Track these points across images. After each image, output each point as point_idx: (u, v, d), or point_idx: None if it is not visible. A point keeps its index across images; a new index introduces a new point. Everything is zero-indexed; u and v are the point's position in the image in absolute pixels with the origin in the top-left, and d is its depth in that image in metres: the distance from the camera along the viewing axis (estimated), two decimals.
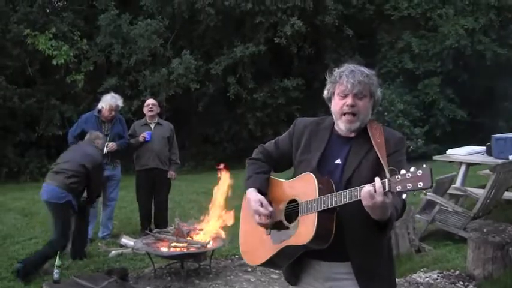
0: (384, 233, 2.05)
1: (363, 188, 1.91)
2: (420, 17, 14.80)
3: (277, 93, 14.08)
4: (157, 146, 6.33)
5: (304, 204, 2.12)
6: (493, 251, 4.50)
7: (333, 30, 14.56)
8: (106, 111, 6.06)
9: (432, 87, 14.52)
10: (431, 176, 1.80)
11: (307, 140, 2.27)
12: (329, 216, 2.05)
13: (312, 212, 2.07)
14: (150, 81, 12.99)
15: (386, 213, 1.94)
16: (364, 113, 2.15)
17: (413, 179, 1.81)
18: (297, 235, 2.12)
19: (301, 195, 2.15)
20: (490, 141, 6.85)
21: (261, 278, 4.88)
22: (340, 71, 2.19)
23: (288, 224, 2.19)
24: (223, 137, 14.50)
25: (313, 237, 2.04)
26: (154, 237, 5.15)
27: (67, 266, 5.06)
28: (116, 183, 6.39)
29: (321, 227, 2.04)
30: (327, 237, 2.06)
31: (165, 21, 13.45)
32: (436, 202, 5.79)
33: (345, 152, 2.18)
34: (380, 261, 2.18)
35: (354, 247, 2.12)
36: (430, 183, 1.79)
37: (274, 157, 2.38)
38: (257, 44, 13.51)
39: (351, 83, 2.12)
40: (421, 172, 1.81)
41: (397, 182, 1.85)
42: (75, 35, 12.92)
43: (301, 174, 2.19)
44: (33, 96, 12.64)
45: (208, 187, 10.12)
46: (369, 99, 2.16)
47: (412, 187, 1.81)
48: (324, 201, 2.04)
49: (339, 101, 2.16)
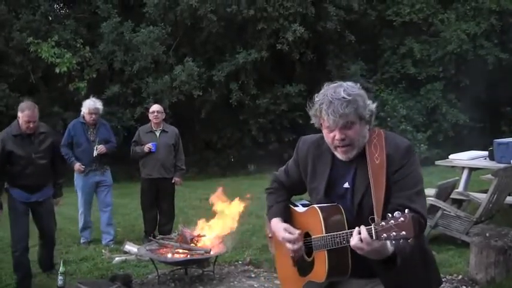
0: (391, 267, 1.91)
1: (353, 238, 1.84)
2: (422, 22, 14.82)
3: (279, 99, 14.08)
4: (162, 155, 6.35)
5: (315, 241, 2.09)
6: (495, 256, 4.50)
7: (335, 36, 14.58)
8: (87, 115, 6.20)
9: (434, 92, 14.53)
10: (413, 224, 1.71)
11: (312, 167, 2.20)
12: (341, 251, 1.98)
13: (322, 249, 2.04)
14: (152, 88, 13.03)
15: (382, 254, 1.86)
16: (357, 138, 2.03)
17: (397, 226, 1.73)
18: (315, 272, 2.11)
19: (312, 229, 2.12)
20: (492, 146, 6.85)
21: (265, 284, 4.88)
22: (319, 103, 2.03)
23: (308, 258, 2.17)
24: (226, 144, 14.51)
25: (327, 275, 2.02)
26: (157, 244, 5.16)
27: (71, 273, 5.08)
28: (107, 189, 6.41)
29: (333, 264, 2.01)
30: (343, 271, 2.02)
31: (168, 28, 13.49)
32: (439, 207, 5.77)
33: (351, 174, 2.08)
34: (409, 273, 2.02)
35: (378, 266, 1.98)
36: (413, 233, 1.70)
37: (287, 186, 2.35)
38: (259, 51, 13.54)
39: (332, 119, 1.98)
40: (403, 219, 1.72)
41: (382, 229, 1.77)
42: (77, 43, 12.98)
43: (309, 207, 2.17)
44: (36, 103, 12.64)
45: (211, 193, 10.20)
46: (359, 124, 2.01)
47: (395, 236, 1.73)
48: (329, 242, 2.00)
49: (328, 134, 2.05)
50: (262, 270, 5.19)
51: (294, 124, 13.94)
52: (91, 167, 6.21)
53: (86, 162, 6.18)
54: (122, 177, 11.02)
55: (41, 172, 4.73)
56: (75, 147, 6.20)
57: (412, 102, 14.48)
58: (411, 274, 2.03)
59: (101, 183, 6.35)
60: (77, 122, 6.32)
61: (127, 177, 11.33)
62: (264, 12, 13.32)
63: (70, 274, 4.95)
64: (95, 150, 6.13)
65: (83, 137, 6.19)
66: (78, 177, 6.29)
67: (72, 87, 12.63)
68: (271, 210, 2.29)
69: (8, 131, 4.70)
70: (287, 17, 13.48)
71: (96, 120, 6.25)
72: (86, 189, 6.29)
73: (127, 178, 11.29)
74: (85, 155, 6.17)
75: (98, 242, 6.34)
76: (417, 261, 2.07)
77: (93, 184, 6.30)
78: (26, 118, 4.64)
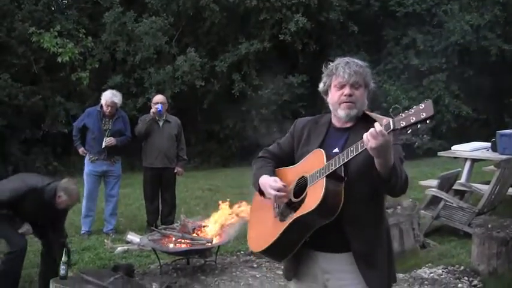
0: (388, 186, 2.06)
1: (369, 131, 1.95)
2: (425, 13, 14.71)
3: (282, 90, 14.03)
4: (164, 145, 6.35)
5: (312, 175, 2.15)
6: (497, 247, 4.49)
7: (337, 26, 14.51)
8: (104, 106, 6.24)
9: (437, 83, 14.43)
10: (433, 106, 1.86)
11: (307, 135, 2.37)
12: (337, 185, 2.08)
13: (320, 178, 2.09)
14: (155, 78, 13.01)
15: (390, 156, 1.98)
16: (361, 101, 2.25)
17: (416, 112, 1.88)
18: (304, 205, 2.12)
19: (310, 170, 2.18)
20: (495, 137, 6.83)
21: (267, 274, 4.89)
22: (336, 64, 2.28)
23: (296, 199, 2.20)
24: (228, 134, 14.50)
25: (320, 202, 2.03)
26: (160, 234, 5.16)
27: (74, 263, 5.09)
28: (115, 180, 6.44)
29: (328, 193, 2.05)
30: (334, 208, 2.06)
31: (170, 18, 13.45)
32: (441, 198, 5.78)
33: (343, 141, 2.25)
34: (379, 249, 2.23)
35: (354, 233, 2.16)
36: (432, 111, 1.85)
37: (278, 156, 2.47)
38: (262, 41, 13.49)
39: (347, 73, 2.21)
40: (423, 105, 1.88)
41: (400, 118, 1.91)
42: (80, 33, 12.92)
43: (309, 153, 2.25)
44: (39, 93, 12.66)
45: (214, 184, 10.24)
46: (364, 89, 2.26)
47: (415, 119, 1.86)
48: (332, 164, 2.08)
49: (336, 92, 2.26)
50: (265, 261, 5.19)
51: (297, 115, 13.88)
52: (99, 156, 6.22)
53: (95, 151, 6.22)
54: (123, 167, 11.02)
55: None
56: (89, 134, 6.27)
57: (414, 94, 14.40)
58: (379, 247, 2.22)
59: (109, 173, 6.37)
60: (93, 110, 6.37)
61: (128, 167, 11.33)
62: (266, 2, 13.26)
63: (72, 264, 4.96)
64: (104, 142, 6.14)
65: (96, 125, 6.24)
66: (87, 164, 6.33)
67: (74, 77, 12.59)
68: (259, 171, 2.37)
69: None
70: (290, 7, 13.42)
71: (114, 113, 6.27)
72: (92, 177, 6.32)
73: (128, 168, 11.29)
74: (96, 143, 6.21)
75: (100, 232, 6.36)
76: (384, 238, 2.26)
77: (100, 173, 6.33)
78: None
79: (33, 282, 4.69)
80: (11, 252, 4.28)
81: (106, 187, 6.43)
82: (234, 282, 4.74)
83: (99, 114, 6.26)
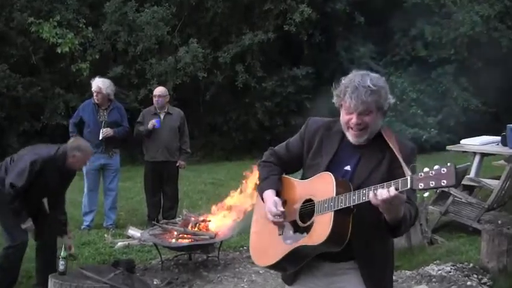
0: (395, 234, 2.05)
1: (383, 186, 1.87)
2: (433, 3, 14.50)
3: (286, 81, 13.91)
4: (166, 138, 6.26)
5: (320, 204, 2.06)
6: (507, 244, 4.42)
7: (343, 17, 14.33)
8: (94, 95, 6.19)
9: (446, 75, 14.31)
10: (456, 174, 1.72)
11: (319, 144, 2.26)
12: (345, 218, 2.01)
13: (328, 211, 2.01)
14: (157, 69, 12.89)
15: (400, 211, 1.93)
16: (372, 125, 2.13)
17: (437, 176, 1.75)
18: (311, 235, 2.06)
19: (317, 194, 2.09)
20: (505, 131, 6.73)
21: (270, 270, 4.79)
22: (345, 85, 2.12)
23: (302, 224, 2.13)
24: (232, 127, 14.39)
25: (327, 238, 1.98)
26: (161, 228, 5.09)
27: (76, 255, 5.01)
28: (113, 173, 6.35)
29: (336, 228, 1.98)
30: (341, 240, 2.01)
31: (172, 8, 13.30)
32: (450, 193, 5.72)
33: (355, 159, 2.17)
34: (387, 268, 2.25)
35: (361, 253, 2.13)
36: (454, 181, 1.73)
37: (284, 160, 2.38)
38: (266, 32, 13.33)
39: (353, 104, 2.07)
40: (445, 170, 1.74)
41: (419, 179, 1.79)
42: (80, 23, 12.76)
43: (318, 174, 2.16)
44: (38, 85, 12.56)
45: (217, 177, 10.16)
46: (376, 113, 2.11)
47: (435, 184, 1.76)
48: (342, 200, 1.99)
49: (345, 116, 2.15)
50: None
51: (301, 107, 13.80)
52: (97, 150, 6.10)
53: (92, 144, 6.08)
54: (124, 160, 10.94)
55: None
56: (85, 128, 6.18)
57: (422, 86, 14.29)
58: (386, 265, 2.23)
59: (107, 166, 6.29)
60: (88, 103, 6.32)
61: (129, 160, 11.26)
62: None
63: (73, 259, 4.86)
64: (101, 133, 6.04)
65: (91, 118, 6.16)
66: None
67: (74, 68, 12.47)
68: (265, 181, 2.32)
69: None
70: None
71: (104, 101, 6.16)
72: (91, 171, 6.24)
73: (129, 161, 11.21)
74: (92, 137, 6.07)
75: (100, 227, 6.29)
76: (390, 256, 2.26)
77: (98, 166, 6.23)
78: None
79: (32, 278, 4.62)
80: (11, 246, 4.24)
81: (104, 181, 6.36)
82: (237, 278, 4.69)
83: (94, 106, 6.20)
